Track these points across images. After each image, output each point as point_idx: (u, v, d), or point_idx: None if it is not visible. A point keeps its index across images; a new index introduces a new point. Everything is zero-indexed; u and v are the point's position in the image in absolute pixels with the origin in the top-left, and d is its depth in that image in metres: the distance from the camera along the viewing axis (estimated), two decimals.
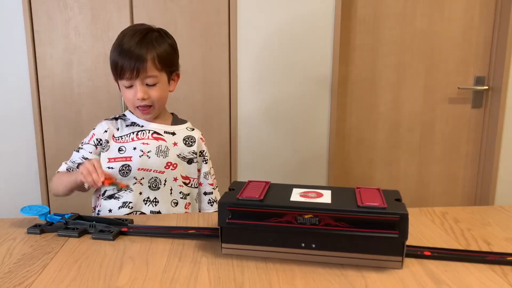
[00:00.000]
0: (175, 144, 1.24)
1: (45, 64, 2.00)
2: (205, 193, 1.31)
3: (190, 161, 1.26)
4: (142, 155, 1.20)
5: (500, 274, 0.81)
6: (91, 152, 1.22)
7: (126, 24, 1.98)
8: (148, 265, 0.85)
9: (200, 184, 1.30)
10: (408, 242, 0.94)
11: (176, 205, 1.24)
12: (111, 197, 1.22)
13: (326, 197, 0.89)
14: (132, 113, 1.26)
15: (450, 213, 1.13)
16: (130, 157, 1.20)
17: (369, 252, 0.83)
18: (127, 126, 1.24)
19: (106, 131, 1.22)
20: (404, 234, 0.80)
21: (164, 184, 1.22)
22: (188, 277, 0.80)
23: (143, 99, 1.16)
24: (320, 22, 2.09)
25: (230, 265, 0.84)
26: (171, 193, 1.24)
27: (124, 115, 1.28)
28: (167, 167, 1.22)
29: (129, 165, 1.20)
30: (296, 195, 0.90)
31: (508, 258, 0.86)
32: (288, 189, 0.94)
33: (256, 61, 2.10)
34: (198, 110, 2.11)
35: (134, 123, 1.24)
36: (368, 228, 0.81)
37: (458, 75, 2.28)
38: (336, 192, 0.92)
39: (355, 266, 0.84)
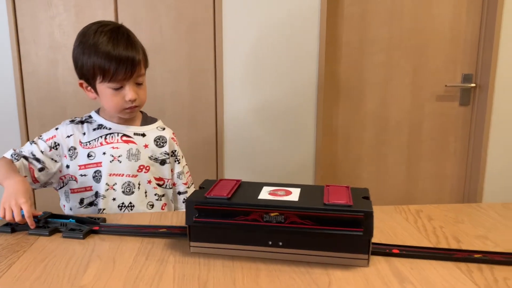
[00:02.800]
0: (146, 146, 1.21)
1: (29, 62, 1.99)
2: (179, 193, 1.29)
3: (162, 162, 1.23)
4: (112, 160, 1.17)
5: (465, 272, 0.81)
6: (42, 152, 1.15)
7: None
8: (115, 263, 0.85)
9: (174, 184, 1.28)
10: (378, 240, 0.95)
11: (152, 207, 1.23)
12: (91, 204, 1.21)
13: (294, 195, 0.89)
14: (116, 115, 1.19)
15: (425, 211, 1.13)
16: (100, 162, 1.17)
17: (336, 250, 0.83)
18: (94, 130, 1.19)
19: (69, 137, 1.18)
20: (369, 231, 0.80)
21: (139, 188, 1.20)
22: (153, 276, 0.80)
23: (134, 100, 1.12)
24: (306, 19, 2.08)
25: (197, 264, 0.84)
26: (146, 196, 1.22)
27: (90, 116, 1.23)
28: (139, 170, 1.19)
29: (100, 171, 1.17)
30: (264, 193, 0.90)
31: (475, 256, 0.86)
32: (258, 187, 0.94)
33: (242, 59, 2.09)
34: (184, 108, 2.11)
35: (101, 125, 1.20)
36: (334, 226, 0.81)
37: (445, 73, 2.28)
38: (306, 190, 0.92)
39: (322, 264, 0.84)
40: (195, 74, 2.08)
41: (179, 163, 1.28)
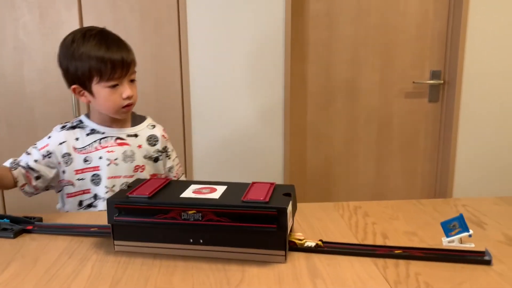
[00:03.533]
0: (139, 146, 1.24)
1: None
2: None
3: (156, 160, 1.28)
4: (109, 164, 1.20)
5: (380, 268, 0.81)
6: (36, 161, 1.18)
7: (75, 22, 1.99)
8: (36, 262, 0.85)
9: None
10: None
11: None
12: (90, 206, 1.23)
13: (217, 193, 0.89)
14: (111, 115, 1.20)
15: (364, 208, 1.13)
16: (98, 166, 1.20)
17: (253, 246, 0.84)
18: (87, 135, 1.22)
19: (62, 144, 1.19)
20: (282, 227, 0.81)
21: None
22: (69, 274, 0.80)
23: (130, 97, 1.17)
24: (270, 17, 2.08)
25: (117, 262, 0.85)
26: None
27: (80, 121, 1.25)
28: (135, 170, 1.23)
29: (98, 175, 1.20)
30: (188, 192, 0.90)
31: (395, 252, 0.87)
32: (185, 185, 0.95)
33: (207, 57, 2.09)
34: (150, 107, 2.11)
35: (94, 130, 1.22)
36: (250, 222, 0.82)
37: (414, 69, 2.28)
38: (231, 188, 0.93)
39: (241, 261, 0.84)
40: (161, 74, 2.08)
41: (169, 158, 1.33)
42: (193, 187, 0.94)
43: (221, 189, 0.92)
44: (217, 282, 0.77)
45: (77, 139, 1.20)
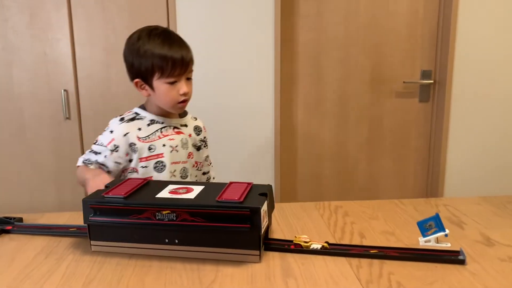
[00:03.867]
0: (190, 135, 1.32)
1: None
2: (204, 173, 1.40)
3: (199, 148, 1.35)
4: (172, 151, 1.26)
5: (354, 267, 0.82)
6: (105, 156, 1.22)
7: (65, 23, 1.99)
8: (13, 262, 0.86)
9: (202, 165, 1.40)
10: (284, 236, 0.96)
11: None
12: None
13: (193, 193, 0.90)
14: (167, 110, 1.26)
15: (344, 207, 1.13)
16: (161, 153, 1.25)
17: (228, 246, 0.84)
18: (148, 125, 1.26)
19: (125, 135, 1.23)
20: (256, 227, 0.81)
21: (190, 172, 1.31)
22: (44, 274, 0.81)
23: (187, 93, 1.22)
24: (260, 18, 2.09)
25: (93, 262, 0.85)
26: (193, 179, 1.34)
27: (136, 113, 1.29)
28: (189, 156, 1.30)
29: (162, 161, 1.25)
30: (165, 192, 0.91)
31: (371, 251, 0.87)
32: (163, 186, 0.95)
33: (198, 58, 2.09)
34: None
35: (153, 120, 1.28)
36: (224, 222, 0.82)
37: (404, 69, 2.28)
38: (208, 188, 0.93)
39: (216, 261, 0.84)
40: None
41: (207, 148, 1.40)
42: (170, 187, 0.94)
43: (197, 189, 0.92)
44: (189, 282, 0.77)
45: (139, 129, 1.25)
